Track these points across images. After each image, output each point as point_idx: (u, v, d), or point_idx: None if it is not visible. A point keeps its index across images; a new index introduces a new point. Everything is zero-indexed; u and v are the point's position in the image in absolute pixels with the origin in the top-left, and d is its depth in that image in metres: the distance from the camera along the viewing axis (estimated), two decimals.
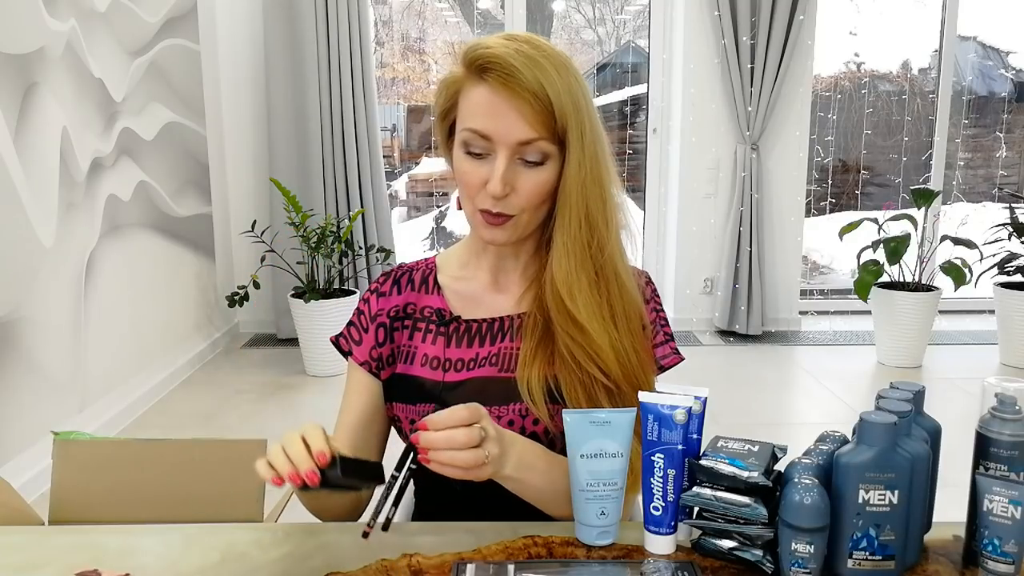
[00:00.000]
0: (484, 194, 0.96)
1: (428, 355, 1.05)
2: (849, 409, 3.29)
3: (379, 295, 1.10)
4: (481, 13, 4.85)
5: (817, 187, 4.75)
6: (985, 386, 0.83)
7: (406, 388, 1.05)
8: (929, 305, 3.74)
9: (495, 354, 1.04)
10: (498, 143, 0.94)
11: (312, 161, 4.06)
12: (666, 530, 0.85)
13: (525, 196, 0.96)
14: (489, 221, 0.98)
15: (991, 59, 5.01)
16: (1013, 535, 0.76)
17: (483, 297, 1.08)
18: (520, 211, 0.97)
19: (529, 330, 1.03)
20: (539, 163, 0.95)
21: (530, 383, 0.99)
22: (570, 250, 0.98)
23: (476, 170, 0.96)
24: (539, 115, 0.92)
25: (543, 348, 1.01)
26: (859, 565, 0.78)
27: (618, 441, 0.86)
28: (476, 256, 1.09)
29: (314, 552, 0.86)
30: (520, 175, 0.96)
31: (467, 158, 0.97)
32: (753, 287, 4.22)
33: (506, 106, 0.92)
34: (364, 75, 4.02)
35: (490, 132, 0.93)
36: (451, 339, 1.05)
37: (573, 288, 0.98)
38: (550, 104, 0.92)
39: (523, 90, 0.91)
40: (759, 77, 4.04)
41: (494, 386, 1.02)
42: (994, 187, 4.98)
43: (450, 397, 1.02)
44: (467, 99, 0.96)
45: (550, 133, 0.94)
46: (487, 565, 0.81)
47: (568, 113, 0.93)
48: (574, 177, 0.96)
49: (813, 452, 0.82)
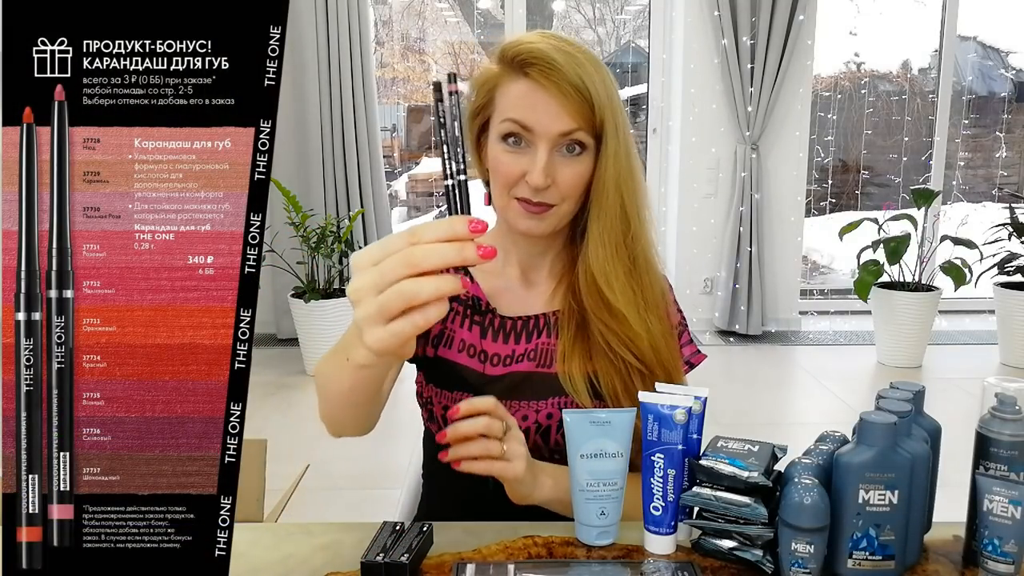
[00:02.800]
0: (523, 184, 0.98)
1: (465, 341, 1.06)
2: (849, 409, 3.29)
3: None
4: (481, 13, 4.85)
5: (817, 187, 4.75)
6: (985, 386, 0.83)
7: (445, 373, 1.06)
8: (929, 305, 3.74)
9: (532, 350, 1.05)
10: (539, 134, 0.96)
11: (312, 161, 4.06)
12: (666, 530, 0.85)
13: (565, 186, 0.98)
14: (529, 209, 0.99)
15: (991, 59, 5.01)
16: (1013, 535, 0.76)
17: (515, 293, 1.09)
18: (560, 201, 0.99)
19: (565, 325, 1.04)
20: (577, 154, 0.98)
21: (573, 377, 1.01)
22: (607, 240, 1.00)
23: (515, 161, 0.98)
24: (579, 107, 0.95)
25: (580, 343, 1.03)
26: (859, 565, 0.78)
27: (618, 441, 0.86)
28: (504, 252, 1.10)
29: (314, 552, 0.86)
30: (559, 166, 0.98)
31: (506, 150, 0.98)
32: (753, 287, 4.22)
33: (548, 98, 0.95)
34: (364, 75, 4.02)
35: (532, 123, 0.96)
36: (487, 331, 1.06)
37: (610, 277, 1.00)
38: (590, 97, 0.95)
39: (565, 83, 0.94)
40: (759, 77, 4.04)
41: (532, 380, 1.04)
42: (994, 187, 4.98)
43: (488, 390, 1.03)
44: (507, 93, 0.98)
45: (589, 125, 0.97)
46: (487, 565, 0.81)
47: (605, 106, 0.96)
48: (611, 168, 0.98)
49: (813, 452, 0.82)
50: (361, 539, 0.83)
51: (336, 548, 0.87)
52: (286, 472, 1.45)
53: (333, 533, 0.91)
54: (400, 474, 2.42)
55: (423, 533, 0.83)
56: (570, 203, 1.00)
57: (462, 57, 5.03)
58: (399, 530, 0.84)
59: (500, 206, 1.02)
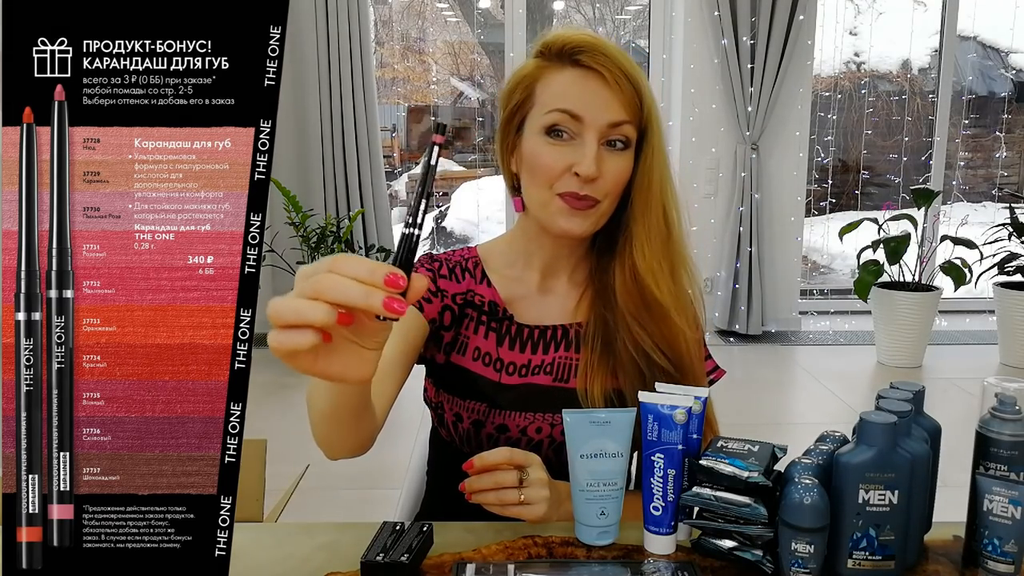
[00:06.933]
0: (568, 178, 0.95)
1: (481, 349, 1.03)
2: (849, 409, 3.29)
3: (440, 276, 1.05)
4: (481, 13, 4.85)
5: (817, 187, 4.75)
6: (985, 386, 0.83)
7: (460, 381, 1.04)
8: (929, 305, 3.74)
9: (549, 363, 1.03)
10: (588, 123, 0.94)
11: (312, 161, 4.06)
12: (666, 530, 0.85)
13: (611, 181, 0.95)
14: (574, 205, 0.95)
15: (991, 59, 5.01)
16: (1013, 535, 0.76)
17: (533, 299, 1.06)
18: (604, 196, 0.96)
19: (589, 340, 1.02)
20: (623, 148, 0.96)
21: (592, 394, 0.99)
22: (651, 238, 0.98)
23: (560, 154, 0.95)
24: (630, 98, 0.94)
25: (604, 359, 1.00)
26: (859, 565, 0.78)
27: (618, 441, 0.86)
28: (526, 256, 1.06)
29: (314, 552, 0.86)
30: (606, 159, 0.95)
31: (549, 143, 0.95)
32: (753, 287, 4.22)
33: (599, 87, 0.93)
34: (364, 75, 4.02)
35: (581, 112, 0.93)
36: (503, 338, 1.04)
37: (657, 275, 0.98)
38: (639, 89, 0.94)
39: (618, 70, 0.93)
40: (759, 77, 4.04)
41: (549, 394, 1.02)
42: (994, 187, 4.98)
43: (502, 399, 1.02)
44: (551, 84, 0.96)
45: (636, 119, 0.95)
46: (487, 565, 0.81)
47: (651, 102, 0.95)
48: (656, 166, 0.97)
49: (813, 452, 0.82)
50: (361, 539, 0.83)
51: (336, 548, 0.87)
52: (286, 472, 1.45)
53: (333, 533, 0.91)
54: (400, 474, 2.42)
55: (423, 533, 0.83)
56: (611, 200, 0.97)
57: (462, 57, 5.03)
58: (399, 530, 0.84)
59: (540, 204, 0.98)
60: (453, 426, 1.03)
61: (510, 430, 1.02)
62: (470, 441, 1.03)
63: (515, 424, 1.01)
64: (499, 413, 1.02)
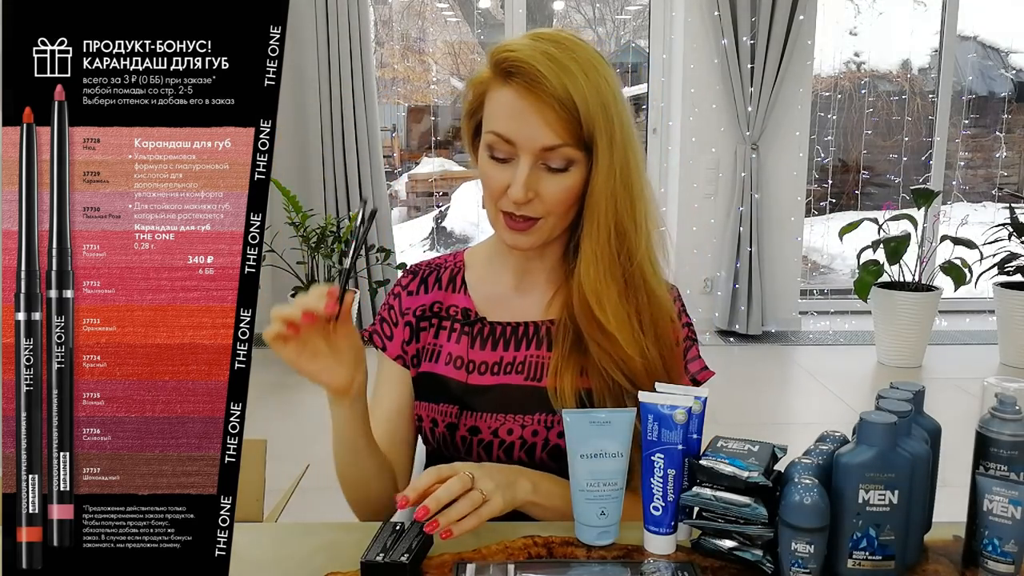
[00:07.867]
0: (506, 198, 0.94)
1: (452, 354, 1.04)
2: (849, 409, 3.29)
3: (408, 293, 1.09)
4: (481, 13, 4.85)
5: (817, 187, 4.75)
6: (985, 386, 0.83)
7: (430, 386, 1.05)
8: (929, 305, 3.74)
9: (521, 362, 1.03)
10: (521, 148, 0.92)
11: (312, 161, 4.06)
12: (666, 530, 0.85)
13: (549, 201, 0.94)
14: (511, 225, 0.96)
15: (991, 59, 5.01)
16: (1013, 535, 0.76)
17: (508, 299, 1.07)
18: (545, 215, 0.95)
19: (559, 338, 1.01)
20: (563, 169, 0.93)
21: (563, 393, 0.97)
22: (599, 258, 0.96)
23: (499, 174, 0.94)
24: (564, 121, 0.90)
25: (574, 358, 0.99)
26: (859, 565, 0.78)
27: (618, 441, 0.86)
28: (501, 256, 1.07)
29: (314, 552, 0.86)
30: (544, 181, 0.93)
31: (491, 161, 0.95)
32: (753, 287, 4.22)
33: (530, 111, 0.90)
34: (364, 75, 4.02)
35: (513, 137, 0.92)
36: (475, 340, 1.04)
37: (602, 297, 0.96)
38: (576, 110, 0.90)
39: (548, 96, 0.89)
40: (759, 77, 4.04)
41: (520, 394, 1.02)
42: (994, 187, 4.98)
43: (474, 401, 1.02)
44: (492, 101, 0.94)
45: (576, 139, 0.92)
46: (487, 565, 0.81)
47: (596, 118, 0.91)
48: (603, 185, 0.94)
49: (813, 452, 0.82)
50: (361, 539, 0.83)
51: (336, 548, 0.87)
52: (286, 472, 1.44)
53: (333, 533, 0.91)
54: None
55: (423, 533, 0.83)
56: (556, 217, 0.96)
57: (462, 57, 5.03)
58: (399, 530, 0.84)
59: (491, 217, 0.99)
60: (431, 432, 1.04)
61: (482, 432, 1.01)
62: (447, 445, 1.03)
63: (487, 426, 1.01)
64: (470, 415, 1.02)
